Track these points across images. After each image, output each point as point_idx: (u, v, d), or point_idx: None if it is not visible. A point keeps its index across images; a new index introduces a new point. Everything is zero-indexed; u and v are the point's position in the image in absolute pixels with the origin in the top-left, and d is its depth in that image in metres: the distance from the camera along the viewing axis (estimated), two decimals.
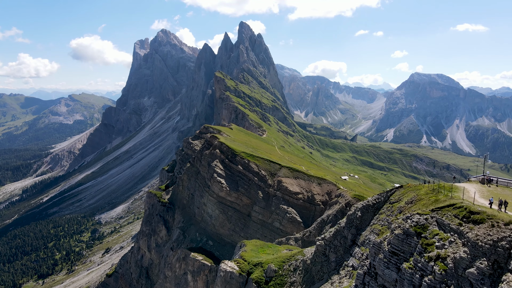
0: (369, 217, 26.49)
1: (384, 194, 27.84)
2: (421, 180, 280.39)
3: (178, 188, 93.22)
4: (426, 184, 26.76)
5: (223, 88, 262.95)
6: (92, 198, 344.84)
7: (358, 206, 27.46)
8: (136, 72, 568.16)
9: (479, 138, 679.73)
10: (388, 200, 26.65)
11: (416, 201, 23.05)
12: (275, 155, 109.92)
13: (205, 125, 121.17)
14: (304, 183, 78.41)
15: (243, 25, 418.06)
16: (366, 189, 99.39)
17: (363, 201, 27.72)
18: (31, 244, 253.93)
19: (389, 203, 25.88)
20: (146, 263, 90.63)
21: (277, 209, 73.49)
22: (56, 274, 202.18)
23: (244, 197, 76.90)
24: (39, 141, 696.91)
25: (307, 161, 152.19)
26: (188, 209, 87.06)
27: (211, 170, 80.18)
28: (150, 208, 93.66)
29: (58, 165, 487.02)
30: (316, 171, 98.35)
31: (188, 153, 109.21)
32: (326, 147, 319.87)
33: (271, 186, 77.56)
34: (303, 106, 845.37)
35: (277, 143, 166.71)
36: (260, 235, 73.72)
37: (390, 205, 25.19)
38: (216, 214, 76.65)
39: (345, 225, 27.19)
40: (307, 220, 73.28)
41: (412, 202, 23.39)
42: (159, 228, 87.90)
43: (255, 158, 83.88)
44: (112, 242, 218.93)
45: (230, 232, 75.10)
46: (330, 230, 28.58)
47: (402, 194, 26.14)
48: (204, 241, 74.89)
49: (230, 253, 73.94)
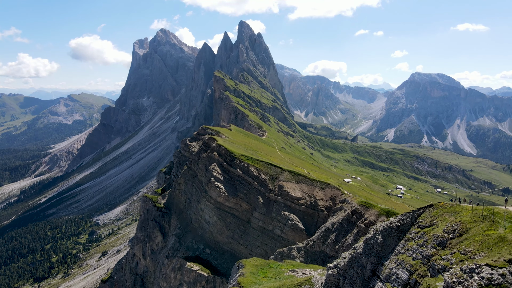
0: (393, 243, 21.93)
1: (410, 215, 23.06)
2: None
3: (174, 192, 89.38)
4: (465, 205, 22.34)
5: (223, 88, 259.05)
6: (90, 199, 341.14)
7: (378, 229, 22.82)
8: (135, 72, 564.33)
9: (480, 138, 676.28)
10: (416, 222, 22.35)
11: (462, 232, 17.88)
12: (276, 157, 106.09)
13: (203, 126, 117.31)
14: (307, 188, 74.54)
15: (243, 24, 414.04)
16: (371, 192, 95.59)
17: (384, 223, 23.13)
18: (28, 246, 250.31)
19: (418, 226, 21.35)
20: (141, 271, 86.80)
21: (278, 215, 69.65)
22: (52, 277, 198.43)
23: (243, 203, 73.06)
24: (38, 141, 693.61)
25: (309, 163, 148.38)
26: (185, 215, 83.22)
27: (208, 174, 76.30)
28: (145, 213, 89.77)
29: (56, 166, 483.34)
30: (318, 174, 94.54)
31: (185, 155, 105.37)
32: (327, 148, 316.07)
33: (272, 191, 73.71)
34: (303, 106, 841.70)
35: (278, 144, 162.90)
36: (260, 243, 69.89)
37: (420, 230, 20.68)
38: (214, 220, 72.78)
39: (363, 251, 22.68)
40: (309, 227, 69.46)
41: (455, 232, 18.43)
42: (155, 234, 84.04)
43: (255, 161, 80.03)
44: (109, 244, 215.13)
45: (229, 239, 71.24)
46: (344, 256, 24.22)
47: (435, 216, 21.37)
48: (201, 249, 71.03)
49: (228, 262, 70.09)
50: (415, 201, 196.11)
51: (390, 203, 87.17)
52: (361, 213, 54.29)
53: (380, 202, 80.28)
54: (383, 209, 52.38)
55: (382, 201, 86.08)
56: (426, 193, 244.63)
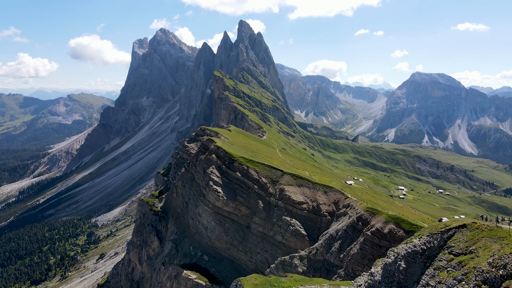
0: (418, 270, 18.27)
1: (438, 236, 19.44)
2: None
3: (172, 196, 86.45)
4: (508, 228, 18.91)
5: (222, 88, 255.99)
6: (89, 200, 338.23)
7: (400, 253, 19.17)
8: (135, 72, 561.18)
9: (481, 138, 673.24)
10: (445, 245, 18.98)
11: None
12: (277, 159, 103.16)
13: (202, 127, 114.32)
14: (309, 192, 71.60)
15: (242, 23, 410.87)
16: (374, 195, 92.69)
17: (406, 245, 19.65)
18: (25, 248, 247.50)
19: (450, 252, 17.73)
20: (137, 277, 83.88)
21: (279, 220, 66.73)
22: (49, 280, 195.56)
23: (243, 207, 70.14)
24: (38, 141, 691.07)
25: (310, 164, 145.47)
26: (182, 219, 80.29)
27: (206, 177, 73.33)
28: (142, 217, 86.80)
29: (55, 166, 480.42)
30: (320, 177, 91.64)
31: (183, 157, 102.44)
32: (327, 148, 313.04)
33: (273, 195, 70.78)
34: (303, 106, 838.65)
35: (278, 145, 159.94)
36: (260, 249, 66.98)
37: (454, 258, 16.92)
38: (212, 226, 69.85)
39: (382, 279, 19.06)
40: (312, 232, 66.53)
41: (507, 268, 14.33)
42: (151, 239, 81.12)
43: (254, 164, 77.07)
44: (107, 247, 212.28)
45: (228, 245, 68.33)
46: (358, 283, 21.07)
47: (471, 241, 17.53)
48: (199, 255, 68.10)
49: (227, 269, 67.21)
50: (418, 202, 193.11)
51: (394, 207, 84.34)
52: (367, 220, 51.38)
53: (385, 206, 77.42)
54: (391, 215, 49.48)
55: (386, 204, 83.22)
56: (428, 194, 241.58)
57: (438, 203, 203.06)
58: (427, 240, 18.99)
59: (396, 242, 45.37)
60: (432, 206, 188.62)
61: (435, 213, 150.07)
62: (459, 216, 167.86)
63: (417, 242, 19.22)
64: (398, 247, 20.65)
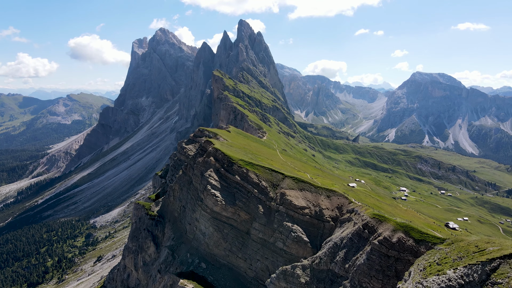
0: None
1: (479, 269, 16.25)
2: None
3: (168, 199, 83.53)
4: None
5: (222, 88, 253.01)
6: (87, 200, 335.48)
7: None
8: (134, 72, 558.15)
9: (482, 138, 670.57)
10: (488, 279, 16.07)
11: None
12: (277, 161, 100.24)
13: (200, 128, 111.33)
14: (311, 196, 68.71)
15: (242, 23, 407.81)
16: (378, 198, 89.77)
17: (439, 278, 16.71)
18: (23, 250, 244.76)
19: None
20: (133, 283, 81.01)
21: (280, 226, 63.86)
22: (46, 282, 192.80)
23: (242, 212, 67.25)
24: (37, 141, 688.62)
25: (311, 166, 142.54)
26: (179, 224, 77.37)
27: (204, 181, 70.42)
28: (138, 222, 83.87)
29: (54, 166, 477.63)
30: (322, 180, 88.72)
31: (181, 159, 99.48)
32: (328, 149, 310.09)
33: (273, 200, 67.89)
34: (304, 105, 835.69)
35: (279, 146, 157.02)
36: (260, 257, 64.10)
37: None
38: (210, 231, 66.94)
39: None
40: (314, 239, 63.63)
41: None
42: (147, 245, 78.21)
43: (254, 167, 74.14)
44: (105, 249, 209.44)
45: (226, 252, 65.44)
46: None
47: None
48: (196, 263, 65.20)
49: (226, 277, 64.33)
50: (420, 203, 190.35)
51: (399, 211, 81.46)
52: (374, 228, 48.48)
53: (390, 210, 74.52)
54: (399, 223, 46.58)
55: (391, 208, 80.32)
56: (430, 195, 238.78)
57: (441, 204, 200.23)
58: (464, 272, 15.70)
59: (406, 252, 42.49)
60: (434, 207, 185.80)
61: (438, 215, 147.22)
62: (462, 218, 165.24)
63: (452, 274, 15.93)
64: (428, 279, 17.39)
